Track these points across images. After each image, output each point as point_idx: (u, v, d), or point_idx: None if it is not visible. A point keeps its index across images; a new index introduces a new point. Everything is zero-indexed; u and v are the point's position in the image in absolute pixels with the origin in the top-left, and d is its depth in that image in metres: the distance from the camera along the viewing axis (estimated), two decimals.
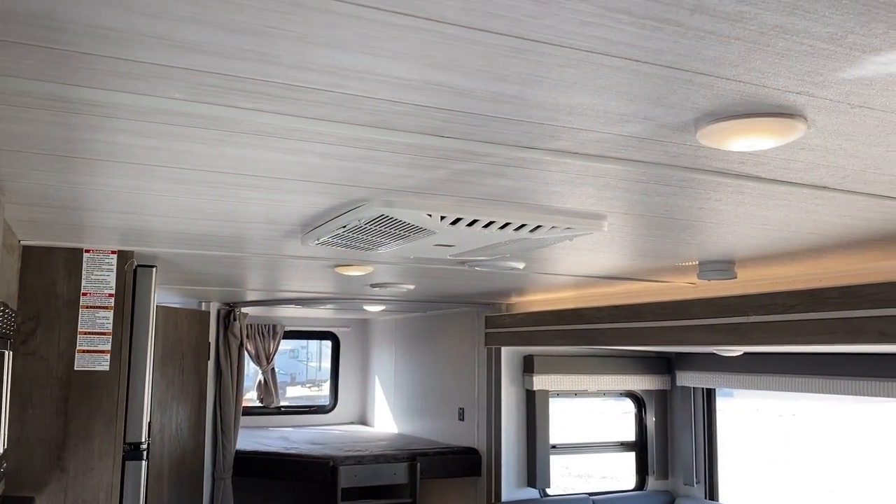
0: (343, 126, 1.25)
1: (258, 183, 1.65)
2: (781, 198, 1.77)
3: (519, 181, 1.64)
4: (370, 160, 1.46)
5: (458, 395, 5.77)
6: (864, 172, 1.53)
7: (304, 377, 17.11)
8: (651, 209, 1.93)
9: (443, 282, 3.85)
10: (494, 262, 2.88)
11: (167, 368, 4.83)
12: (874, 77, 1.01)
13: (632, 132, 1.28)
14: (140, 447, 2.77)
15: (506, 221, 1.97)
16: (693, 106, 1.14)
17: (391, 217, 1.90)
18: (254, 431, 6.65)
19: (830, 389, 4.38)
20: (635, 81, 1.04)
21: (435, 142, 1.33)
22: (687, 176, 1.56)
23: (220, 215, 2.04)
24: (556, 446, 5.32)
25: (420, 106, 1.15)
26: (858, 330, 2.80)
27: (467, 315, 5.67)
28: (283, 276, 3.68)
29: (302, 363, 17.94)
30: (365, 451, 5.45)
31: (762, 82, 1.03)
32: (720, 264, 2.87)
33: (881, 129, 1.24)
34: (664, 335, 3.73)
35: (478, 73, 1.01)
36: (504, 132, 1.28)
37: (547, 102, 1.13)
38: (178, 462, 4.93)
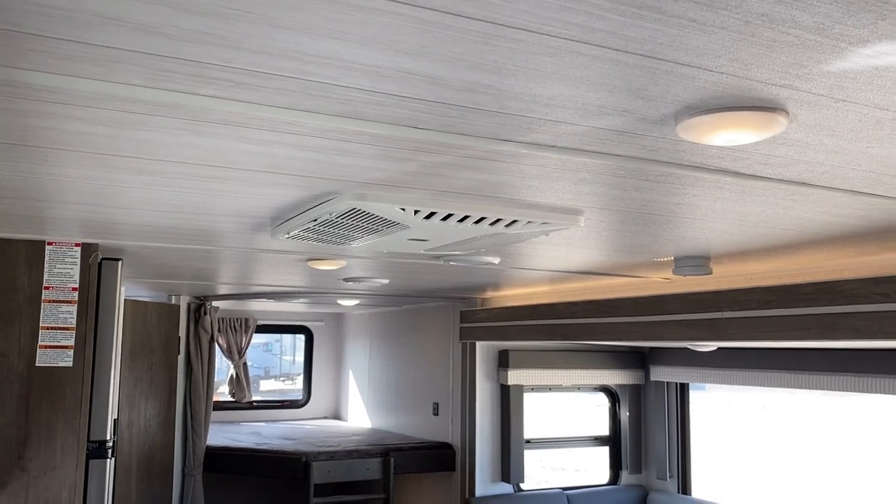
0: (311, 115, 1.19)
1: (224, 174, 1.59)
2: (759, 193, 1.75)
3: (495, 175, 1.60)
4: (341, 152, 1.41)
5: (433, 390, 5.74)
6: (843, 168, 1.50)
7: (277, 371, 17.00)
8: (628, 204, 1.90)
9: (417, 276, 3.80)
10: (469, 258, 2.84)
11: (136, 363, 4.73)
12: (859, 70, 0.98)
13: (610, 125, 1.24)
14: (105, 445, 2.70)
15: (481, 216, 1.93)
16: (674, 98, 1.10)
17: (363, 211, 1.85)
18: (225, 427, 6.56)
19: (803, 384, 4.41)
20: (615, 72, 1.00)
21: (408, 133, 1.28)
22: (665, 170, 1.53)
23: (185, 208, 1.97)
24: (531, 441, 5.31)
25: (392, 95, 1.10)
26: (833, 326, 2.80)
27: (442, 309, 5.63)
28: (255, 269, 3.61)
29: (276, 357, 17.83)
30: (338, 446, 5.39)
31: (745, 74, 1.00)
32: (696, 260, 2.86)
33: (863, 124, 1.21)
34: (638, 330, 3.72)
35: (451, 60, 0.97)
36: (480, 124, 1.24)
37: (524, 93, 1.09)
38: (146, 458, 4.84)
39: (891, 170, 1.51)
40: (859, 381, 4.08)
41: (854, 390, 4.13)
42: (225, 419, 6.97)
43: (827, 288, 2.82)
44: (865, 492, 11.79)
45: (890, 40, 0.88)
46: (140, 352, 4.80)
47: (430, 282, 4.14)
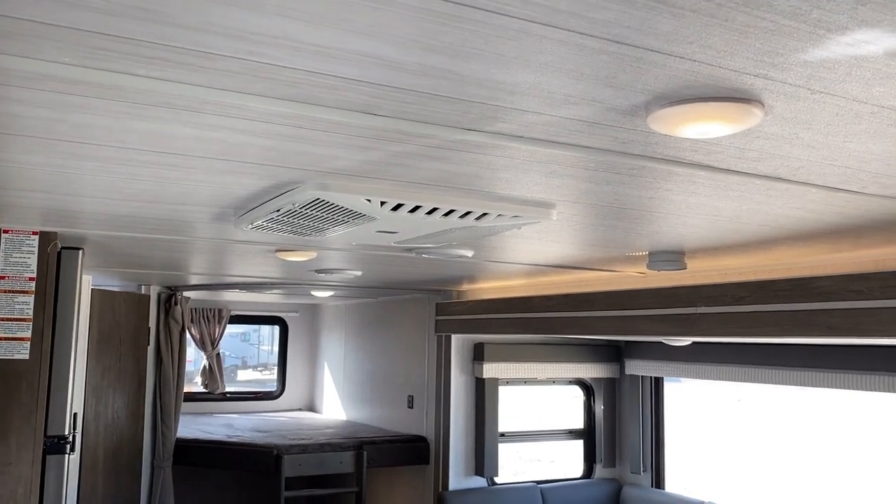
0: (261, 99, 1.12)
1: (175, 161, 1.52)
2: (734, 188, 1.70)
3: (462, 166, 1.54)
4: (297, 139, 1.34)
5: (408, 383, 5.68)
6: (819, 164, 1.46)
7: (255, 360, 16.86)
8: (601, 198, 1.84)
9: (391, 268, 3.74)
10: (442, 250, 2.78)
11: (103, 355, 4.63)
12: (837, 60, 0.93)
13: (579, 115, 1.18)
14: (63, 440, 2.61)
15: (450, 208, 1.87)
16: (644, 87, 1.04)
17: (327, 201, 1.78)
18: (198, 418, 6.47)
19: (778, 380, 4.40)
20: (581, 58, 0.94)
21: (366, 120, 1.22)
22: (637, 164, 1.47)
23: (140, 196, 1.89)
24: (505, 434, 5.28)
25: (344, 79, 1.03)
26: (807, 323, 2.77)
27: (418, 302, 5.57)
28: (224, 260, 3.52)
29: (253, 346, 17.68)
30: (310, 439, 5.32)
31: (718, 62, 0.94)
32: (670, 255, 2.82)
33: (840, 117, 1.16)
34: (613, 325, 3.69)
35: (405, 42, 0.90)
36: (441, 112, 1.18)
37: (485, 79, 1.02)
38: (114, 451, 4.74)
39: (867, 166, 1.46)
40: (835, 378, 4.07)
41: (829, 386, 4.13)
42: (198, 410, 6.87)
43: (801, 284, 2.79)
44: (840, 482, 11.92)
45: (869, 27, 0.83)
46: (107, 342, 4.69)
47: (405, 274, 4.07)
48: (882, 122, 1.18)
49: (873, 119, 1.17)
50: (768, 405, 17.96)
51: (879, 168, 1.48)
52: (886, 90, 1.03)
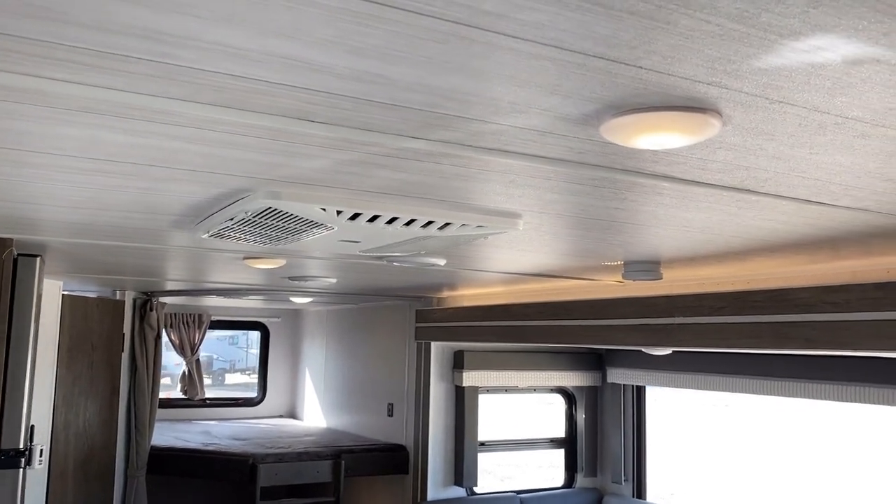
0: (186, 104, 1.05)
1: (111, 168, 1.44)
2: (701, 199, 1.64)
3: (415, 175, 1.47)
4: (236, 146, 1.27)
5: (388, 391, 5.60)
6: (787, 175, 1.40)
7: (244, 364, 16.72)
8: (567, 208, 1.78)
9: (366, 276, 3.66)
10: (413, 259, 2.71)
11: (74, 362, 4.53)
12: (794, 67, 0.87)
13: (529, 124, 1.11)
14: (17, 454, 2.53)
15: (410, 218, 1.80)
16: (592, 96, 0.98)
17: (280, 210, 1.70)
18: (176, 425, 6.36)
19: (761, 390, 4.35)
20: (518, 63, 0.87)
21: (303, 127, 1.15)
22: (597, 174, 1.41)
23: (89, 203, 1.81)
24: (485, 444, 5.20)
25: (271, 83, 0.96)
26: (784, 335, 2.72)
27: (399, 308, 5.50)
28: (195, 267, 3.44)
29: (242, 350, 17.54)
30: (288, 447, 5.24)
31: (667, 69, 0.88)
32: (645, 265, 2.76)
33: (804, 128, 1.10)
34: (591, 334, 3.63)
35: (326, 44, 0.83)
36: (381, 119, 1.11)
37: (418, 84, 0.96)
38: (84, 460, 4.64)
39: (837, 178, 1.40)
40: (818, 389, 4.02)
41: (813, 397, 4.07)
42: (176, 417, 6.77)
43: (778, 296, 2.74)
44: (829, 488, 11.90)
45: (823, 32, 0.76)
46: (79, 349, 4.60)
47: (381, 281, 4.00)
48: (847, 134, 1.12)
49: (838, 130, 1.10)
50: (757, 410, 17.96)
51: (849, 180, 1.42)
52: (849, 100, 0.97)
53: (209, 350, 19.55)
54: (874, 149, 1.20)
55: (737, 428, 16.54)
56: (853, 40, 0.78)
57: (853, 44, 0.79)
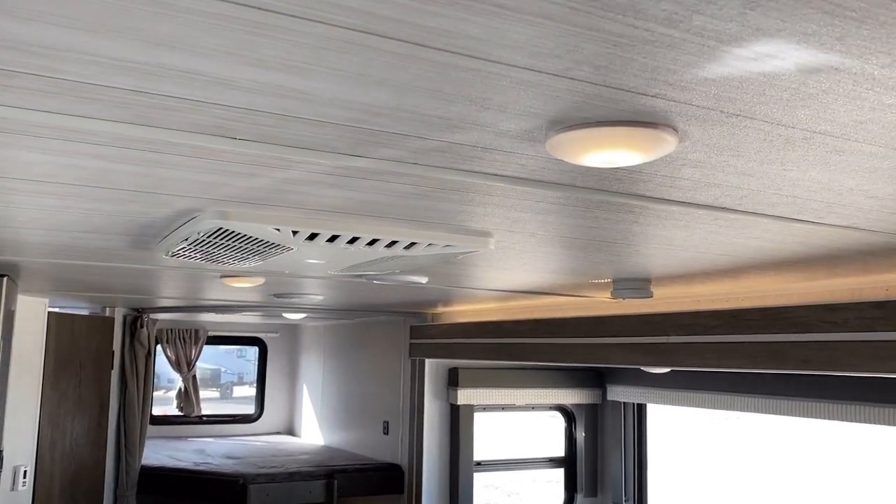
0: (94, 122, 0.97)
1: (44, 189, 1.36)
2: (677, 218, 1.54)
3: (368, 194, 1.38)
4: (162, 164, 1.19)
5: (383, 408, 5.50)
6: (763, 193, 1.30)
7: (252, 377, 16.66)
8: (537, 227, 1.69)
9: (352, 293, 3.57)
10: (393, 277, 2.62)
11: (60, 380, 4.45)
12: (745, 78, 0.77)
13: (469, 140, 1.02)
14: None
15: (372, 237, 1.71)
16: (527, 111, 0.89)
17: (232, 231, 1.62)
18: (170, 443, 6.27)
19: (760, 408, 4.23)
20: (432, 74, 0.78)
21: (228, 145, 1.06)
22: (557, 193, 1.32)
23: (38, 223, 1.73)
24: (481, 463, 5.09)
25: (176, 98, 0.88)
26: (780, 355, 2.61)
27: (394, 324, 5.40)
28: (173, 285, 3.36)
29: (250, 363, 17.46)
30: (280, 467, 5.14)
31: (603, 81, 0.79)
32: (634, 282, 2.66)
33: (769, 143, 1.00)
34: (584, 352, 3.52)
35: (220, 54, 0.75)
36: (311, 135, 1.02)
37: (339, 99, 0.87)
38: (72, 481, 4.55)
39: (817, 195, 1.31)
40: (818, 407, 3.90)
41: (818, 417, 3.95)
42: (172, 434, 6.68)
43: (774, 314, 2.63)
44: None
45: (767, 37, 0.67)
46: (66, 367, 4.52)
47: (370, 297, 3.91)
48: (819, 149, 1.03)
49: (808, 146, 1.01)
50: (768, 421, 17.71)
51: (831, 198, 1.33)
52: (812, 113, 0.87)
53: (217, 363, 19.50)
54: (851, 165, 1.10)
55: (747, 440, 16.30)
56: (804, 46, 0.69)
57: (805, 50, 0.70)
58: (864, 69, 0.73)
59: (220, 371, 19.35)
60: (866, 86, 0.77)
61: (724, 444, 16.21)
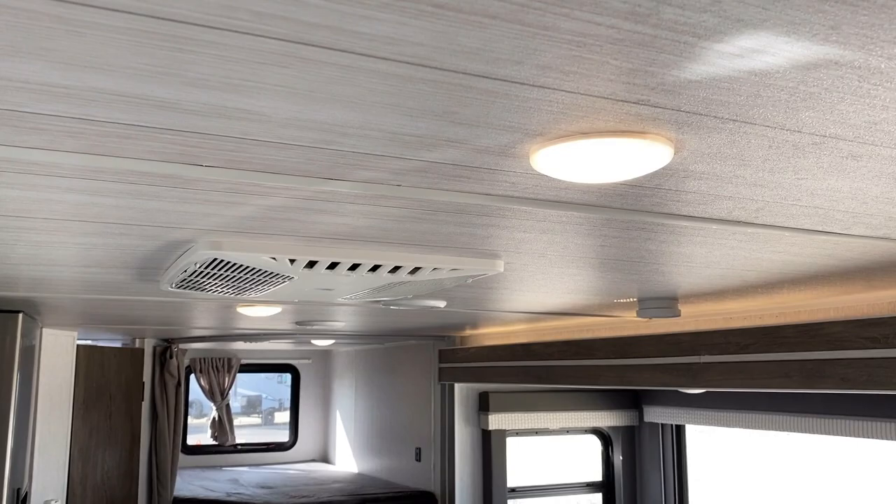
0: (52, 154, 0.92)
1: (25, 224, 1.32)
2: (692, 234, 1.45)
3: (359, 219, 1.32)
4: (142, 195, 1.14)
5: (415, 434, 5.41)
6: (780, 205, 1.21)
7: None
8: (546, 247, 1.60)
9: (373, 319, 3.51)
10: (409, 302, 2.55)
11: (91, 413, 4.46)
12: (733, 78, 0.69)
13: (448, 159, 0.95)
14: None
15: (374, 263, 1.65)
16: (502, 124, 0.81)
17: (228, 262, 1.57)
18: (206, 473, 6.25)
19: (805, 429, 4.05)
20: (386, 88, 0.71)
21: (197, 172, 1.01)
22: (556, 212, 1.23)
23: (31, 260, 1.70)
24: (516, 490, 4.96)
25: (126, 125, 0.83)
26: (817, 374, 2.47)
27: (423, 348, 5.32)
28: (193, 316, 3.34)
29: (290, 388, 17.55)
30: (312, 496, 5.07)
31: (576, 88, 0.71)
32: (660, 301, 2.55)
33: (776, 150, 0.91)
34: (615, 374, 3.40)
35: (154, 74, 0.69)
36: (277, 159, 0.96)
37: (295, 119, 0.81)
38: None
39: (839, 205, 1.20)
40: (864, 426, 3.71)
41: (858, 435, 3.77)
42: (207, 464, 6.67)
43: (810, 331, 2.49)
44: None
45: (750, 29, 0.59)
46: (96, 400, 4.53)
47: (393, 323, 3.84)
48: (833, 155, 0.93)
49: (820, 151, 0.92)
50: (818, 443, 17.12)
51: (856, 207, 1.22)
52: (817, 115, 0.79)
53: (258, 389, 19.58)
54: (871, 171, 1.00)
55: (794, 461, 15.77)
56: (794, 38, 0.60)
57: (796, 43, 0.61)
58: (868, 62, 0.65)
59: (261, 397, 19.42)
60: (873, 81, 0.69)
61: (773, 465, 15.70)
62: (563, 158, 0.88)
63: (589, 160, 0.88)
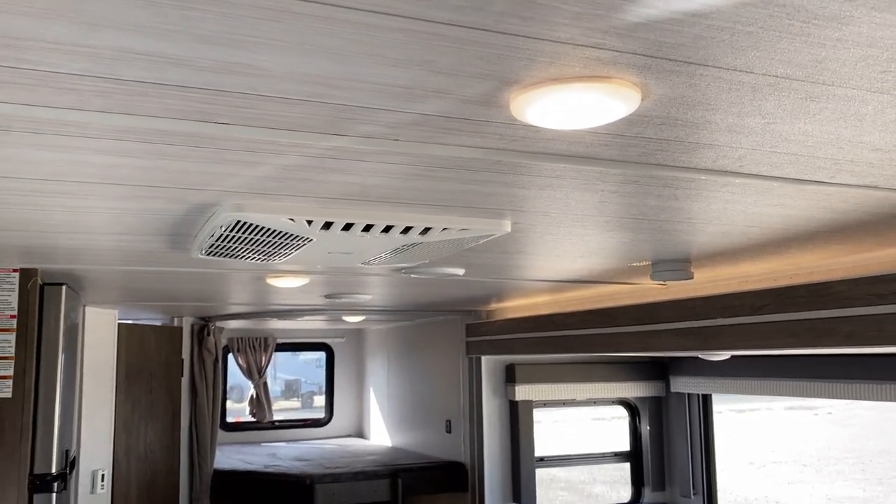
0: (78, 113, 1.03)
1: (61, 188, 1.45)
2: (686, 186, 1.52)
3: (364, 177, 1.42)
4: (166, 156, 1.25)
5: (445, 407, 5.54)
6: (759, 152, 1.28)
7: None
8: (547, 204, 1.69)
9: (397, 291, 3.62)
10: (429, 269, 2.65)
11: (132, 388, 4.66)
12: (675, 20, 0.77)
13: (437, 110, 1.05)
14: (50, 478, 2.59)
15: (386, 224, 1.75)
16: (478, 72, 0.90)
17: (252, 224, 1.68)
18: (245, 448, 6.47)
19: (827, 393, 4.08)
20: (365, 38, 0.81)
21: (215, 130, 1.11)
22: (549, 165, 1.32)
23: (67, 226, 1.84)
24: (544, 459, 5.06)
25: (146, 83, 0.93)
26: (825, 332, 2.52)
27: (451, 323, 5.44)
28: (227, 291, 3.48)
29: None
30: (347, 467, 5.23)
31: (537, 33, 0.80)
32: (672, 263, 2.61)
33: (736, 93, 0.99)
34: (635, 341, 3.47)
35: (165, 32, 0.79)
36: (285, 115, 1.06)
37: (293, 73, 0.91)
38: (148, 485, 4.75)
39: (816, 150, 1.27)
40: (889, 389, 3.74)
41: (884, 399, 3.79)
42: (246, 440, 6.89)
43: (819, 290, 2.54)
44: None
45: None
46: (137, 376, 4.73)
47: (418, 296, 3.95)
48: (791, 96, 1.01)
49: (777, 92, 0.99)
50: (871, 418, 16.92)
51: (833, 153, 1.29)
52: (763, 55, 0.86)
53: (296, 373, 19.93)
54: (833, 112, 1.07)
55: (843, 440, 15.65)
56: None
57: None
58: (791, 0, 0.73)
59: (299, 381, 19.76)
60: (801, 18, 0.76)
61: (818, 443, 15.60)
62: (540, 105, 0.97)
63: (563, 106, 0.96)
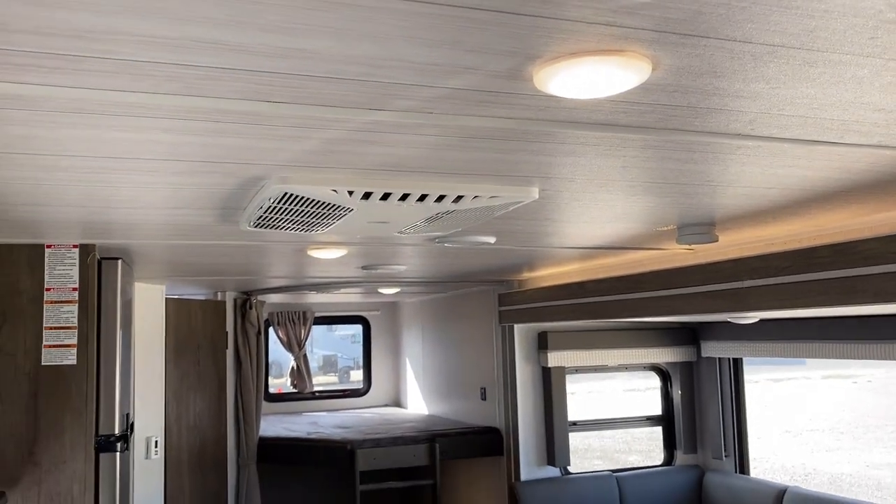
0: (156, 97, 1.17)
1: (130, 165, 1.60)
2: (703, 150, 1.62)
3: (401, 148, 1.54)
4: (224, 133, 1.39)
5: (480, 375, 5.69)
6: (768, 115, 1.37)
7: None
8: (572, 171, 1.80)
9: (431, 261, 3.76)
10: (461, 238, 2.78)
11: (181, 360, 4.88)
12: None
13: (468, 84, 1.16)
14: (113, 438, 2.79)
15: (421, 193, 1.87)
16: (505, 49, 1.02)
17: (297, 195, 1.82)
18: (287, 417, 6.71)
19: (857, 354, 4.14)
20: (408, 23, 0.93)
21: (270, 108, 1.24)
22: (567, 132, 1.43)
23: (132, 202, 1.99)
24: (577, 423, 5.20)
25: (214, 68, 1.06)
26: (852, 290, 2.60)
27: (484, 294, 5.58)
28: (264, 263, 3.65)
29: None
30: (385, 433, 5.43)
31: (555, 14, 0.91)
32: (695, 227, 2.71)
33: (739, 61, 1.09)
34: (663, 305, 3.57)
35: (228, 24, 0.92)
36: (332, 93, 1.19)
37: (341, 55, 1.03)
38: (198, 451, 4.99)
39: (822, 112, 1.36)
40: None
41: None
42: (288, 410, 7.14)
43: (845, 249, 2.62)
44: None
45: None
46: (185, 348, 4.95)
47: (451, 265, 4.09)
48: (790, 63, 1.10)
49: (777, 59, 1.09)
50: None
51: (839, 114, 1.38)
52: (759, 26, 0.96)
53: (334, 349, 20.26)
54: (832, 76, 1.17)
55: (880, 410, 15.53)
56: None
57: None
58: None
59: (336, 357, 20.09)
60: None
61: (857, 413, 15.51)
62: (561, 77, 1.08)
63: (583, 77, 1.07)
